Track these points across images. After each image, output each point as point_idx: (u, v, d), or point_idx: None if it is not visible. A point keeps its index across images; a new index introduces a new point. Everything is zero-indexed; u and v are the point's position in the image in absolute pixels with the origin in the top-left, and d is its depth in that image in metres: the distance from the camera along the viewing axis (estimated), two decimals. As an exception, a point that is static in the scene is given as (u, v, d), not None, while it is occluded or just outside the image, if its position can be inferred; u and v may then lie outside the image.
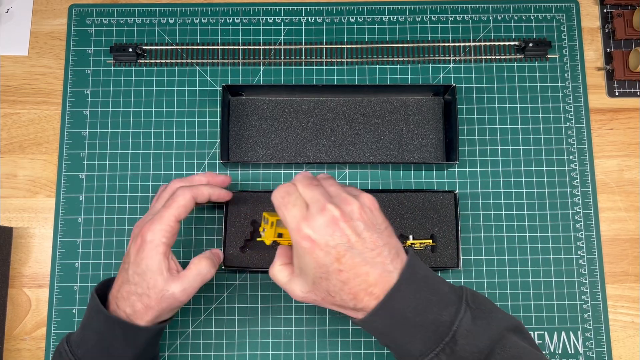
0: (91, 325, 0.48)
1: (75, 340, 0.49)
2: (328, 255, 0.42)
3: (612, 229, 0.63)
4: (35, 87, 0.66)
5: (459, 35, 0.67)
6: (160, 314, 0.48)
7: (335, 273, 0.42)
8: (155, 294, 0.47)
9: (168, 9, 0.68)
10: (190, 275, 0.49)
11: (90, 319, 0.49)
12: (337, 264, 0.42)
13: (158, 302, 0.47)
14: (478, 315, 0.43)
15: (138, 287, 0.47)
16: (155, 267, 0.47)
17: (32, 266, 0.62)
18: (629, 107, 0.66)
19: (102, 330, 0.47)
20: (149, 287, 0.47)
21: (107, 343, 0.47)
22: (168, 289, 0.47)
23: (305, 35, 0.67)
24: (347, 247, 0.42)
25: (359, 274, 0.42)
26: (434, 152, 0.64)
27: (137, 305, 0.47)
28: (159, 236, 0.48)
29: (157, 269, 0.47)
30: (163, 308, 0.48)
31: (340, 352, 0.60)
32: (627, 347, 0.61)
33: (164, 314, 0.49)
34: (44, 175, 0.64)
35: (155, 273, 0.47)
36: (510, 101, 0.65)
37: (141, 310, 0.47)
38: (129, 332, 0.47)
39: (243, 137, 0.64)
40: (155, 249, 0.47)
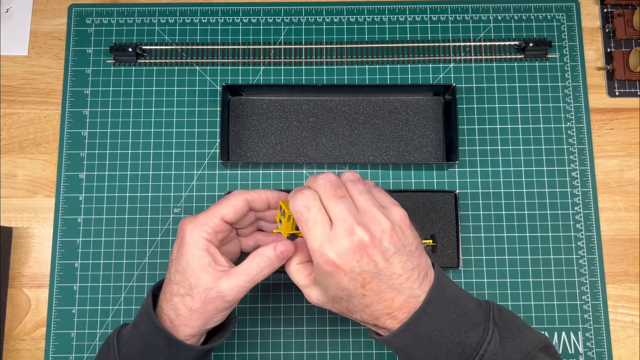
0: (140, 328, 0.45)
1: (124, 337, 0.45)
2: (352, 282, 0.39)
3: (613, 229, 0.63)
4: (35, 87, 0.66)
5: (459, 35, 0.67)
6: (207, 318, 0.43)
7: (358, 297, 0.40)
8: (199, 294, 0.42)
9: (168, 8, 0.68)
10: (239, 272, 0.42)
11: (141, 320, 0.45)
12: (361, 289, 0.39)
13: (203, 304, 0.42)
14: (506, 336, 0.41)
15: (180, 287, 0.43)
16: (197, 263, 0.42)
17: (32, 266, 0.62)
18: (629, 107, 0.66)
19: (148, 337, 0.44)
20: (192, 286, 0.42)
21: (152, 352, 0.44)
22: (213, 287, 0.42)
23: (305, 35, 0.67)
24: (374, 273, 0.39)
25: (384, 299, 0.40)
26: (434, 152, 0.64)
27: (180, 308, 0.43)
28: (199, 231, 0.43)
29: (198, 266, 0.42)
30: (209, 310, 0.42)
31: (340, 352, 0.60)
32: (628, 347, 0.60)
33: (211, 319, 0.43)
34: (44, 175, 0.64)
35: (197, 270, 0.42)
36: (511, 101, 0.65)
37: (185, 315, 0.43)
38: (172, 347, 0.43)
39: (243, 137, 0.64)
40: (194, 243, 0.42)
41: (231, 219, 0.44)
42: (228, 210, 0.44)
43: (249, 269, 0.42)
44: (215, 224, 0.43)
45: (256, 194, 0.45)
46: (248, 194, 0.45)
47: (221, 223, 0.44)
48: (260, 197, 0.45)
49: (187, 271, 0.42)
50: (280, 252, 0.43)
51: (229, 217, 0.44)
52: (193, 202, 0.63)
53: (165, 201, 0.63)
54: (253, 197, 0.45)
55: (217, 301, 0.42)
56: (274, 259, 0.43)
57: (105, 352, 0.46)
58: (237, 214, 0.44)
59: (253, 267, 0.43)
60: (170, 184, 0.63)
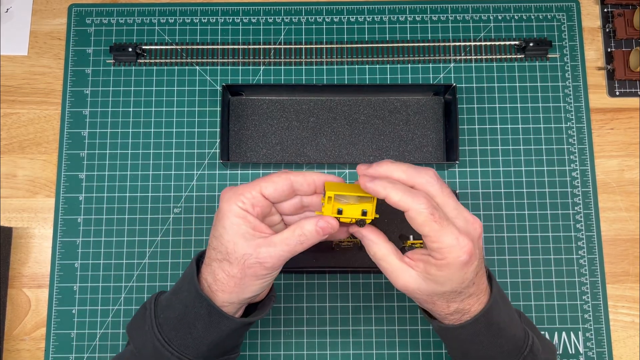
0: (181, 294, 0.45)
1: (163, 303, 0.45)
2: (473, 271, 0.42)
3: (613, 229, 0.63)
4: (34, 87, 0.66)
5: (459, 35, 0.67)
6: (245, 285, 0.43)
7: (469, 287, 0.42)
8: (237, 259, 0.42)
9: (168, 8, 0.68)
10: (279, 241, 0.42)
11: (182, 287, 0.45)
12: (475, 278, 0.42)
13: (242, 269, 0.42)
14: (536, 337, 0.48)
15: (217, 253, 0.43)
16: (233, 230, 0.42)
17: (32, 266, 0.62)
18: (629, 107, 0.66)
19: (189, 304, 0.44)
20: (229, 252, 0.42)
21: (191, 319, 0.44)
22: (252, 252, 0.42)
23: (305, 35, 0.67)
24: (481, 261, 0.43)
25: (481, 286, 0.43)
26: (435, 151, 0.64)
27: (218, 273, 0.43)
28: (236, 199, 0.42)
29: (235, 232, 0.42)
30: (247, 276, 0.42)
31: (340, 352, 0.60)
32: (628, 347, 0.60)
33: (249, 287, 0.43)
34: (44, 175, 0.64)
35: (234, 236, 0.42)
36: (511, 101, 0.65)
37: (223, 280, 0.43)
38: (213, 316, 0.43)
39: (243, 137, 0.64)
40: (230, 211, 0.42)
41: (270, 194, 0.43)
42: (267, 185, 0.43)
43: (289, 239, 0.42)
44: (252, 196, 0.42)
45: (302, 175, 0.44)
46: (293, 175, 0.44)
47: (259, 196, 0.43)
48: (305, 179, 0.44)
49: (223, 236, 0.42)
50: (321, 227, 0.42)
51: (268, 192, 0.43)
52: (193, 202, 0.63)
53: (165, 201, 0.63)
54: (297, 178, 0.43)
55: (256, 267, 0.42)
56: (314, 233, 0.42)
57: (141, 316, 0.46)
58: (277, 191, 0.43)
59: (294, 238, 0.42)
60: (170, 184, 0.63)
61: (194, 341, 0.44)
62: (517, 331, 0.46)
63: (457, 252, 0.40)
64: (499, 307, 0.45)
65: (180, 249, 0.62)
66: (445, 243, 0.40)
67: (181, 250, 0.62)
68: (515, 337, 0.45)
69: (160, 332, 0.44)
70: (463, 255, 0.40)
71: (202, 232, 0.62)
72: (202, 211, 0.63)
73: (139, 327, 0.46)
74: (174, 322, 0.44)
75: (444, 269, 0.41)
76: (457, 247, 0.40)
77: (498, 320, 0.44)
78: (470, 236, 0.41)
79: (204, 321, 0.43)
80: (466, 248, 0.40)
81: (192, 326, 0.44)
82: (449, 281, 0.41)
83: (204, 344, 0.44)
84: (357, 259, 0.60)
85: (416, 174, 0.41)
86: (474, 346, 0.45)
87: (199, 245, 0.62)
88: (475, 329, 0.44)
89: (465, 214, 0.42)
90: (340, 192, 0.42)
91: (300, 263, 0.59)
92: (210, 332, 0.44)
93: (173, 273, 0.61)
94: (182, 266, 0.61)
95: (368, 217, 0.43)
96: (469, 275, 0.41)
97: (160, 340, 0.44)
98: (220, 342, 0.45)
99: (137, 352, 0.45)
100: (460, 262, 0.40)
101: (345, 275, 0.61)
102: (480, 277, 0.43)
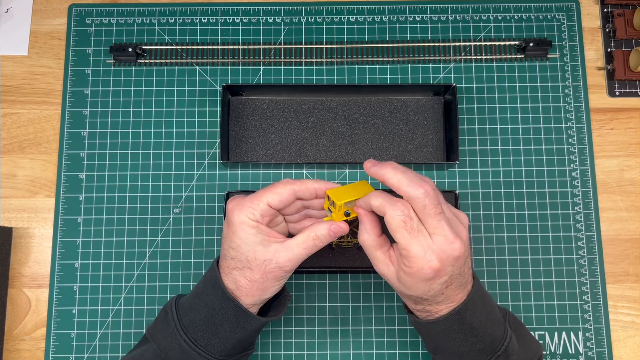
0: (205, 297, 0.47)
1: (185, 306, 0.48)
2: (441, 285, 0.43)
3: (613, 229, 0.63)
4: (35, 87, 0.66)
5: (459, 35, 0.67)
6: (266, 287, 0.46)
7: (437, 296, 0.44)
8: (258, 265, 0.45)
9: (168, 8, 0.68)
10: (295, 245, 0.46)
11: (206, 291, 0.48)
12: (444, 290, 0.44)
13: (263, 274, 0.46)
14: (518, 337, 0.48)
15: (237, 262, 0.46)
16: (250, 240, 0.45)
17: (32, 266, 0.62)
18: (629, 107, 0.66)
19: (215, 306, 0.46)
20: (249, 259, 0.46)
21: (217, 321, 0.46)
22: (271, 258, 0.45)
23: (305, 35, 0.67)
24: (457, 276, 0.44)
25: (452, 296, 0.45)
26: (435, 152, 0.64)
27: (240, 280, 0.46)
28: (246, 212, 0.46)
29: (252, 242, 0.45)
30: (269, 279, 0.46)
31: (340, 352, 0.60)
32: (628, 347, 0.60)
33: (270, 288, 0.47)
34: (44, 175, 0.64)
35: (252, 245, 0.45)
36: (511, 101, 0.65)
37: (245, 286, 0.46)
38: (240, 316, 0.46)
39: (243, 137, 0.64)
40: (242, 224, 0.46)
41: (277, 205, 0.47)
42: (274, 197, 0.46)
43: (305, 242, 0.46)
44: (261, 209, 0.46)
45: (303, 184, 0.47)
46: (295, 185, 0.47)
47: (267, 207, 0.46)
48: (307, 188, 0.47)
49: (241, 247, 0.46)
50: (334, 231, 0.47)
51: (274, 203, 0.46)
52: (193, 202, 0.63)
53: (165, 201, 0.63)
54: (300, 187, 0.47)
55: (276, 271, 0.46)
56: (327, 236, 0.47)
57: (163, 319, 0.49)
58: (283, 202, 0.47)
59: (310, 241, 0.46)
60: (170, 184, 0.63)
61: (221, 341, 0.47)
62: (495, 331, 0.47)
63: (421, 265, 0.42)
64: (475, 308, 0.46)
65: (180, 249, 0.62)
66: (412, 252, 0.42)
67: (181, 250, 0.62)
68: (492, 336, 0.46)
69: (186, 334, 0.47)
70: (427, 269, 0.42)
71: (202, 232, 0.62)
72: (202, 211, 0.63)
73: (162, 330, 0.48)
74: (200, 324, 0.47)
75: (409, 276, 0.43)
76: (423, 260, 0.42)
77: (472, 320, 0.45)
78: (443, 254, 0.42)
79: (231, 322, 0.46)
80: (431, 264, 0.42)
81: (220, 327, 0.47)
82: (414, 288, 0.44)
83: (230, 342, 0.47)
84: (357, 259, 0.60)
85: (408, 184, 0.42)
86: (445, 342, 0.47)
87: (199, 245, 0.62)
88: (446, 326, 0.45)
89: (447, 232, 0.42)
90: (346, 199, 0.46)
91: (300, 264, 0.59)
92: (237, 332, 0.47)
93: (173, 273, 0.61)
94: (182, 266, 0.61)
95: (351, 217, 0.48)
96: (435, 287, 0.43)
97: (187, 341, 0.46)
98: (244, 340, 0.48)
99: (163, 354, 0.47)
100: (423, 274, 0.42)
101: (345, 275, 0.61)
102: (454, 289, 0.44)
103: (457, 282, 0.44)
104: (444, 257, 0.42)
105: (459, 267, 0.43)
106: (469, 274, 0.46)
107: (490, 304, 0.48)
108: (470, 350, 0.46)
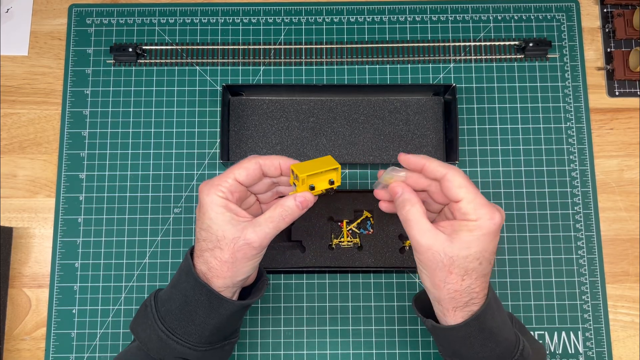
0: (179, 286, 0.47)
1: (162, 298, 0.48)
2: (495, 247, 0.45)
3: (613, 229, 0.63)
4: (35, 87, 0.66)
5: (459, 35, 0.67)
6: (237, 268, 0.46)
7: (488, 262, 0.45)
8: (227, 244, 0.45)
9: (168, 8, 0.68)
10: (263, 220, 0.46)
11: (180, 279, 0.47)
12: (494, 256, 0.46)
13: (232, 253, 0.45)
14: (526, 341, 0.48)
15: (208, 243, 0.46)
16: (219, 219, 0.45)
17: (32, 266, 0.62)
18: (629, 107, 0.66)
19: (189, 293, 0.46)
20: (218, 239, 0.45)
21: (192, 307, 0.46)
22: (239, 235, 0.45)
23: (305, 35, 0.67)
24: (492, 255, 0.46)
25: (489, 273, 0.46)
26: (434, 152, 0.64)
27: (210, 261, 0.46)
28: (215, 191, 0.46)
29: (222, 220, 0.45)
30: (238, 259, 0.45)
31: (340, 352, 0.60)
32: (628, 347, 0.60)
33: (241, 268, 0.46)
34: (44, 175, 0.64)
35: (221, 224, 0.45)
36: (511, 101, 0.65)
37: (216, 266, 0.45)
38: (213, 301, 0.46)
39: (243, 137, 0.64)
40: (212, 203, 0.45)
41: (244, 180, 0.47)
42: (240, 172, 0.47)
43: (272, 217, 0.46)
44: (229, 184, 0.46)
45: (268, 159, 0.48)
46: (261, 159, 0.48)
47: (235, 183, 0.47)
48: (272, 162, 0.48)
49: (211, 227, 0.45)
50: (300, 201, 0.47)
51: (242, 178, 0.47)
52: (193, 202, 0.63)
53: (165, 201, 0.63)
54: (265, 162, 0.48)
55: (245, 249, 0.45)
56: (294, 208, 0.46)
57: (143, 313, 0.48)
58: (250, 177, 0.47)
59: (276, 215, 0.46)
60: (170, 184, 0.63)
61: (197, 328, 0.46)
62: (509, 335, 0.47)
63: (489, 216, 0.43)
64: (493, 312, 0.45)
65: (180, 248, 0.62)
66: (479, 205, 0.44)
67: (181, 250, 0.62)
68: (507, 340, 0.46)
69: (163, 324, 0.46)
70: (496, 220, 0.43)
71: (202, 232, 0.62)
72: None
73: (142, 323, 0.48)
74: (175, 313, 0.47)
75: (475, 230, 0.43)
76: (490, 213, 0.43)
77: (491, 324, 0.45)
78: (501, 213, 0.44)
79: (205, 307, 0.46)
80: (497, 219, 0.44)
81: (194, 313, 0.46)
82: (475, 244, 0.43)
83: (207, 329, 0.46)
84: (357, 259, 0.60)
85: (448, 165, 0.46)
86: (465, 348, 0.46)
87: (199, 245, 0.62)
88: (467, 332, 0.45)
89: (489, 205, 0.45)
90: (308, 172, 0.46)
91: (300, 263, 0.59)
92: (212, 317, 0.46)
93: (173, 273, 0.61)
94: (182, 266, 0.61)
95: (335, 185, 0.49)
96: (493, 248, 0.44)
97: (164, 331, 0.46)
98: (222, 326, 0.47)
99: (144, 346, 0.47)
100: (491, 226, 0.43)
101: (345, 275, 0.62)
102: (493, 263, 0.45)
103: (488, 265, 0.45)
104: (501, 214, 0.44)
105: (494, 245, 0.45)
106: (490, 271, 0.46)
107: (502, 308, 0.48)
108: (490, 355, 0.46)
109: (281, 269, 0.60)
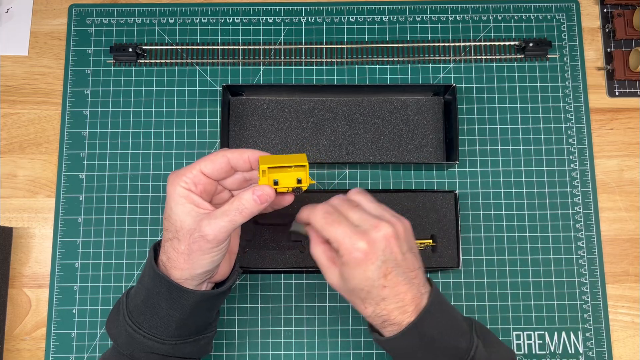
0: (143, 279, 0.47)
1: (132, 294, 0.48)
2: (377, 270, 0.43)
3: (613, 229, 0.63)
4: (35, 87, 0.66)
5: (459, 35, 0.67)
6: (193, 260, 0.44)
7: (378, 289, 0.43)
8: (184, 235, 0.44)
9: (168, 9, 0.68)
10: (219, 213, 0.44)
11: (144, 274, 0.47)
12: (383, 279, 0.43)
13: (188, 245, 0.44)
14: (487, 346, 0.46)
15: (169, 232, 0.45)
16: (179, 209, 0.44)
17: (32, 266, 0.62)
18: (629, 107, 0.66)
19: (150, 286, 0.46)
20: (177, 229, 0.45)
21: (154, 301, 0.46)
22: (195, 228, 0.44)
23: (305, 35, 0.67)
24: (395, 264, 0.44)
25: (399, 292, 0.44)
26: (434, 152, 0.64)
27: (170, 251, 0.45)
28: (179, 181, 0.45)
29: (181, 210, 0.44)
30: (194, 251, 0.44)
31: (340, 352, 0.60)
32: (628, 347, 0.60)
33: (198, 261, 0.45)
34: (44, 175, 0.64)
35: (180, 215, 0.44)
36: (511, 101, 0.65)
37: (174, 257, 0.45)
38: (173, 292, 0.45)
39: (243, 137, 0.64)
40: (175, 192, 0.45)
41: (210, 172, 0.46)
42: (206, 164, 0.46)
43: (228, 210, 0.44)
44: (193, 175, 0.45)
45: (237, 152, 0.46)
46: (229, 152, 0.46)
47: (199, 175, 0.46)
48: (241, 155, 0.46)
49: (171, 217, 0.45)
50: (258, 196, 0.45)
51: (207, 170, 0.46)
52: (193, 202, 0.63)
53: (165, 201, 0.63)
54: (233, 155, 0.46)
55: (200, 241, 0.44)
56: (251, 202, 0.45)
57: (116, 310, 0.49)
58: (216, 170, 0.46)
59: (232, 208, 0.44)
60: (170, 184, 0.63)
61: (162, 321, 0.46)
62: (459, 342, 0.45)
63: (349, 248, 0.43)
64: (433, 319, 0.44)
65: (180, 249, 0.62)
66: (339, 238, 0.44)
67: (181, 250, 0.62)
68: (456, 348, 0.45)
69: (130, 319, 0.47)
70: (355, 252, 0.43)
71: (202, 232, 0.62)
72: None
73: (114, 320, 0.48)
74: (140, 307, 0.47)
75: (345, 266, 0.44)
76: (350, 242, 0.43)
77: (432, 332, 0.44)
78: (369, 238, 0.43)
79: (166, 299, 0.46)
80: (357, 245, 0.43)
81: (157, 306, 0.46)
82: (352, 278, 0.44)
83: (172, 321, 0.46)
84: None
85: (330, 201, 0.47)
86: (409, 358, 0.45)
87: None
88: (408, 342, 0.44)
89: (372, 221, 0.44)
90: (272, 164, 0.45)
91: (300, 263, 0.60)
92: (175, 309, 0.46)
93: (173, 273, 0.61)
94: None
95: (303, 184, 0.46)
96: (371, 275, 0.43)
97: (132, 325, 0.46)
98: (187, 319, 0.47)
99: (114, 342, 0.48)
100: (354, 258, 0.43)
101: (345, 275, 0.61)
102: (395, 283, 0.43)
103: (396, 272, 0.43)
104: (370, 240, 0.43)
105: (389, 252, 0.43)
106: (415, 271, 0.45)
107: (451, 314, 0.46)
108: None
109: (281, 269, 0.60)
